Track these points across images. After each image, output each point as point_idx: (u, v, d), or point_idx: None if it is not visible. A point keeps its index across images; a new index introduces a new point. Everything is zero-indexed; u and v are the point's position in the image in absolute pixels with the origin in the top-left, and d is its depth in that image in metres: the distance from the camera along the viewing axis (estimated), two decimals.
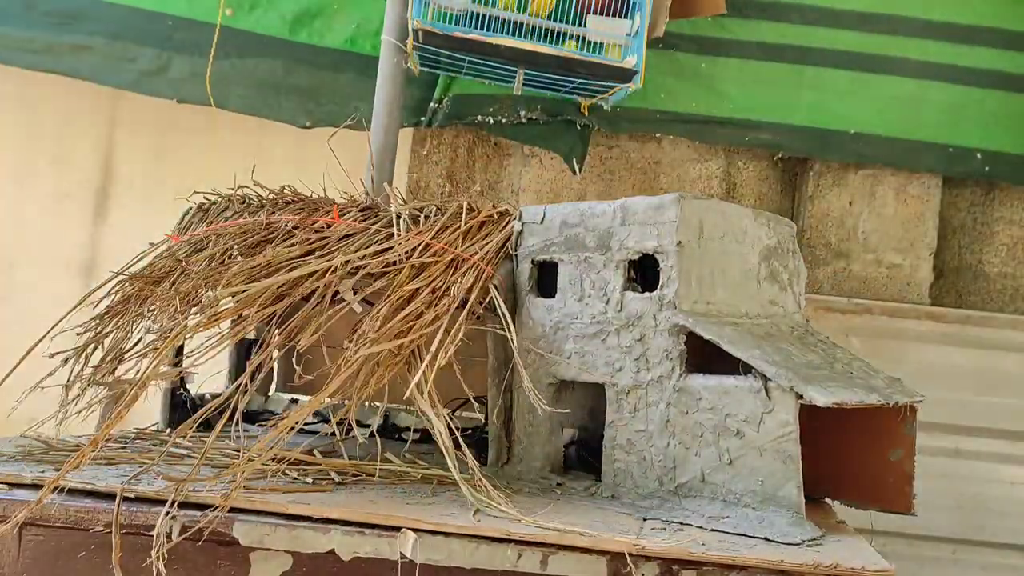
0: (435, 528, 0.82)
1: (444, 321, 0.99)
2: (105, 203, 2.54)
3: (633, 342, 1.02)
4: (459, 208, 1.12)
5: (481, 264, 1.06)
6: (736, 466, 0.93)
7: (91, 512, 0.82)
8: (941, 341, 2.27)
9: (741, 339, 0.97)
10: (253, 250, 1.06)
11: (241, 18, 2.32)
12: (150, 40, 2.31)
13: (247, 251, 1.05)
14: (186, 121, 2.44)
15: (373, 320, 0.97)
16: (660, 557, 0.81)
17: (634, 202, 1.05)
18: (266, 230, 1.08)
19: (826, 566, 0.79)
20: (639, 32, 1.89)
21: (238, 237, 1.07)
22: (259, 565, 0.82)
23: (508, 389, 1.15)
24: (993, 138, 2.34)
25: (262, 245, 1.07)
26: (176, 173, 2.48)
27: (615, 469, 1.04)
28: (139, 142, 2.54)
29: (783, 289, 1.15)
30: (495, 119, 2.30)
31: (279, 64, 2.32)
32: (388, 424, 1.39)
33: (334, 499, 0.90)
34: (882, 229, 2.39)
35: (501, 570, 0.81)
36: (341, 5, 2.33)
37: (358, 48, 2.32)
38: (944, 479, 2.22)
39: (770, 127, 2.35)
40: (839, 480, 1.11)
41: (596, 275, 1.06)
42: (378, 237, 1.07)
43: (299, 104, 2.33)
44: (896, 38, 2.35)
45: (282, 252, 1.01)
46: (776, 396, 0.90)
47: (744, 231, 1.08)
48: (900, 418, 1.05)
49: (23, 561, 0.82)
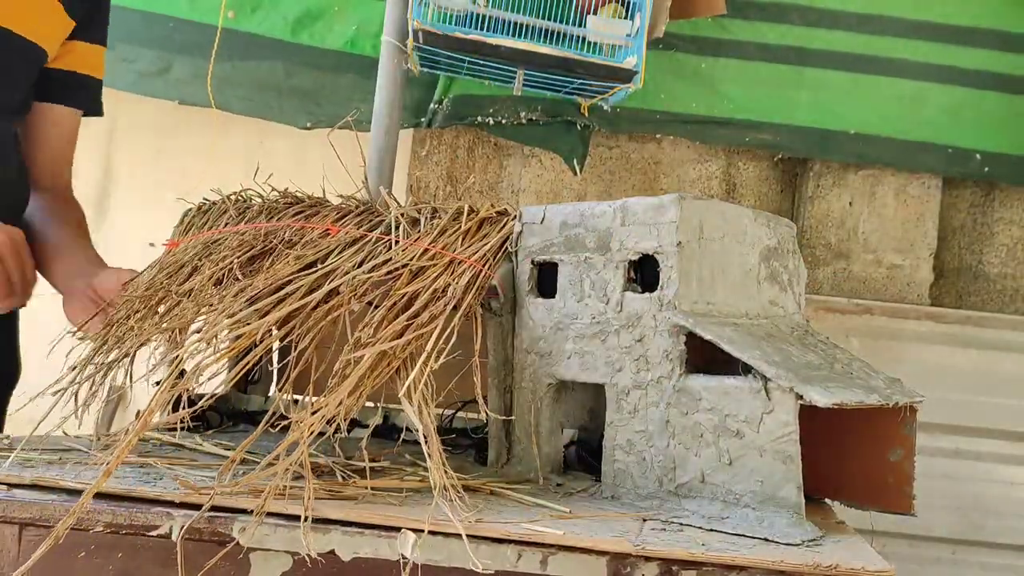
0: (435, 528, 0.82)
1: (440, 322, 0.99)
2: (105, 203, 2.54)
3: (633, 342, 1.02)
4: (459, 210, 1.12)
5: (479, 265, 1.06)
6: (736, 466, 0.93)
7: (91, 512, 0.82)
8: (941, 341, 2.27)
9: (741, 339, 0.97)
10: (252, 265, 1.06)
11: (243, 20, 2.33)
12: (151, 42, 2.31)
13: (246, 266, 1.05)
14: (186, 122, 2.44)
15: (369, 326, 0.97)
16: (660, 558, 0.81)
17: (634, 202, 1.05)
18: (264, 240, 1.08)
19: (826, 566, 0.79)
20: (639, 33, 1.90)
21: (236, 250, 1.07)
22: (259, 565, 0.82)
23: (508, 389, 1.15)
24: (993, 139, 2.35)
25: (261, 257, 1.07)
26: (176, 174, 2.48)
27: (615, 469, 1.04)
28: (139, 143, 2.54)
29: (783, 290, 1.15)
30: (495, 120, 2.31)
31: (280, 66, 2.33)
32: (388, 424, 1.39)
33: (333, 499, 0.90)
34: (882, 229, 2.39)
35: (501, 571, 0.81)
36: (342, 7, 2.34)
37: (359, 50, 2.33)
38: (944, 479, 2.22)
39: (770, 127, 2.36)
40: (839, 481, 1.11)
41: (596, 275, 1.06)
42: (379, 247, 1.07)
43: (300, 105, 2.34)
44: (896, 39, 2.35)
45: (282, 269, 1.01)
46: (776, 396, 0.90)
47: (744, 231, 1.08)
48: (900, 418, 1.05)
49: (23, 561, 0.82)
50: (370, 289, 1.01)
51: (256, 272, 1.04)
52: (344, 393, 0.92)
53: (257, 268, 1.05)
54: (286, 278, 1.00)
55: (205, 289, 1.03)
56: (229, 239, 1.10)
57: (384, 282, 1.02)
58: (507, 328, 1.14)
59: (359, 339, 0.96)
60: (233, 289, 0.99)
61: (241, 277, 1.02)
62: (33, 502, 0.83)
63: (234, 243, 1.09)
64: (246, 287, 0.99)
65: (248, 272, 1.04)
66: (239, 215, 1.18)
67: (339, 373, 0.93)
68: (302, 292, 0.99)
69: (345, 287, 1.00)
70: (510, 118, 2.31)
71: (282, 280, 1.00)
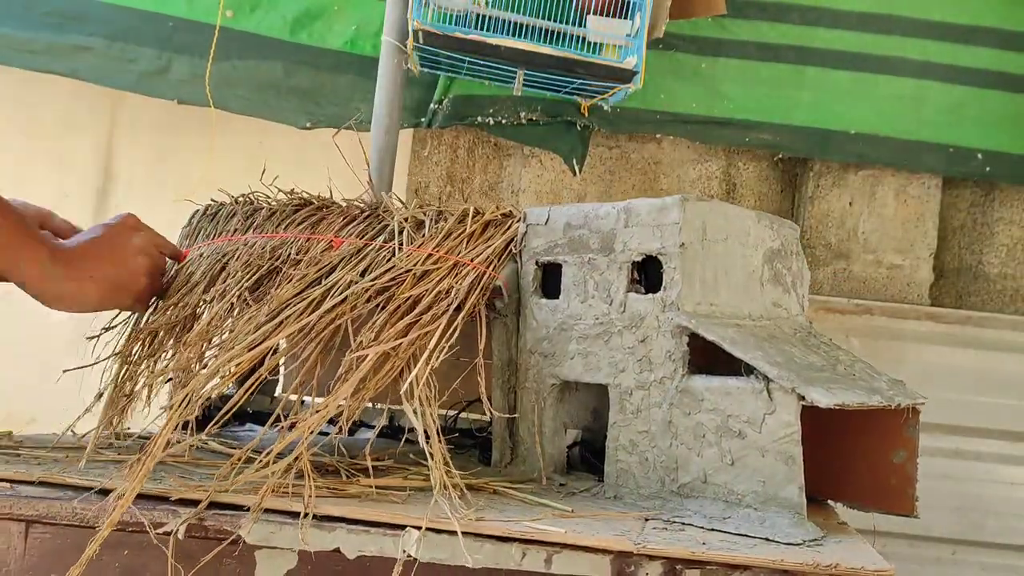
0: (437, 526, 0.82)
1: (442, 323, 1.00)
2: (105, 204, 2.54)
3: (636, 343, 1.02)
4: (464, 212, 1.13)
5: (483, 267, 1.06)
6: (738, 467, 0.93)
7: (97, 510, 0.82)
8: (941, 342, 2.27)
9: (744, 340, 0.97)
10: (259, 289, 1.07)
11: (241, 19, 2.33)
12: (150, 41, 2.31)
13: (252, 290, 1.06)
14: (186, 122, 2.44)
15: (372, 328, 0.98)
16: (664, 556, 0.81)
17: (638, 204, 1.05)
18: (271, 256, 1.09)
19: (826, 565, 0.80)
20: (639, 33, 1.90)
21: (244, 272, 1.08)
22: (264, 563, 0.83)
23: (512, 390, 1.15)
24: (993, 138, 2.35)
25: (268, 278, 1.08)
26: (176, 174, 2.48)
27: (617, 470, 1.04)
28: (139, 143, 2.54)
29: (786, 291, 1.15)
30: (495, 120, 2.31)
31: (279, 65, 2.33)
32: (395, 425, 1.39)
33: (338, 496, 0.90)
34: (882, 229, 2.39)
35: (506, 569, 0.82)
36: (341, 6, 2.34)
37: (358, 49, 2.33)
38: (944, 480, 2.23)
39: (770, 127, 2.36)
40: (842, 482, 1.12)
41: (600, 276, 1.06)
42: (382, 253, 1.07)
43: (300, 105, 2.33)
44: (896, 38, 2.35)
45: (287, 292, 1.02)
46: (778, 397, 0.90)
47: (747, 233, 1.09)
48: (903, 420, 1.05)
49: (28, 559, 0.83)
50: (374, 295, 1.02)
51: (263, 295, 1.05)
52: (346, 393, 0.92)
53: (264, 291, 1.06)
54: (289, 300, 1.01)
55: (215, 318, 1.04)
56: (238, 252, 1.12)
57: (388, 288, 1.02)
58: (511, 329, 1.14)
59: (362, 341, 0.96)
60: (243, 318, 1.01)
61: (251, 302, 1.03)
62: (39, 499, 0.83)
63: (242, 260, 1.10)
64: (252, 316, 1.00)
65: (255, 298, 1.05)
66: (246, 220, 1.18)
67: (341, 376, 0.94)
68: (307, 310, 1.00)
69: (350, 297, 1.01)
70: (510, 118, 2.31)
71: (286, 303, 1.01)
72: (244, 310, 1.03)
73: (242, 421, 1.42)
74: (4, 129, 2.51)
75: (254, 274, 1.07)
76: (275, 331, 0.97)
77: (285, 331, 0.96)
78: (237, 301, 1.04)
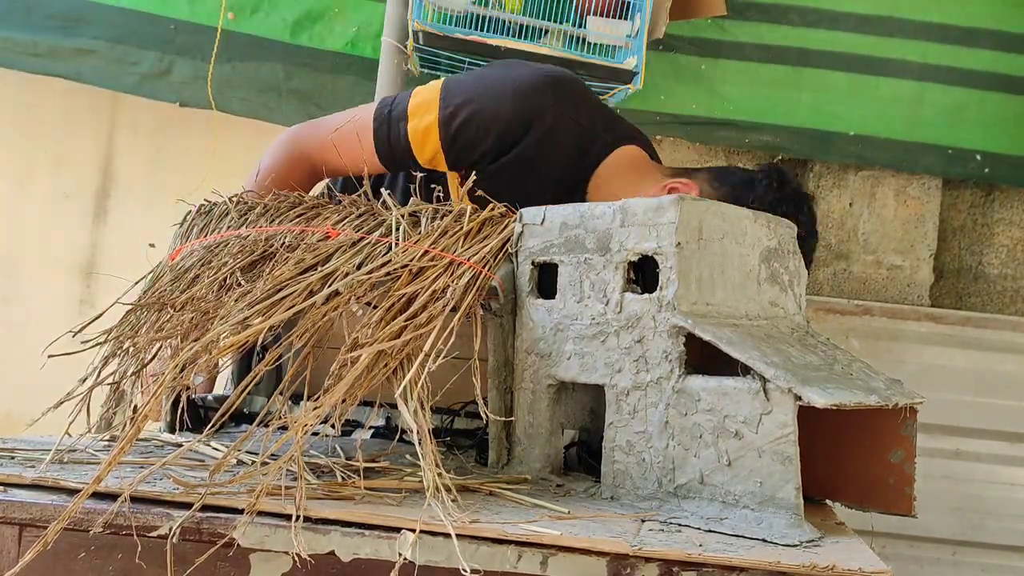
0: (433, 529, 0.82)
1: (438, 322, 0.99)
2: (105, 204, 2.55)
3: (632, 343, 1.02)
4: (460, 211, 1.13)
5: (478, 267, 1.06)
6: (735, 467, 0.93)
7: (91, 513, 0.82)
8: (941, 342, 2.27)
9: (740, 340, 0.97)
10: (253, 270, 1.06)
11: (243, 22, 2.33)
12: (152, 44, 2.32)
13: (247, 271, 1.05)
14: (186, 124, 2.45)
15: (367, 327, 0.97)
16: (660, 558, 0.81)
17: (634, 203, 1.05)
18: (266, 243, 1.08)
19: (822, 567, 0.79)
20: (639, 33, 1.90)
21: (238, 255, 1.07)
22: (258, 566, 0.82)
23: (508, 390, 1.15)
24: (993, 140, 2.35)
25: (263, 262, 1.07)
26: (176, 175, 2.49)
27: (614, 471, 1.04)
28: (139, 144, 2.54)
29: (784, 290, 1.15)
30: None
31: (280, 67, 2.34)
32: (392, 425, 1.39)
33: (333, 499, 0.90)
34: (882, 230, 2.39)
35: (501, 571, 0.81)
36: (342, 8, 2.34)
37: (359, 51, 2.33)
38: (944, 480, 2.23)
39: (770, 128, 2.36)
40: (840, 482, 1.11)
41: (596, 276, 1.06)
42: (378, 248, 1.07)
43: (300, 107, 2.34)
44: (896, 40, 2.35)
45: (283, 273, 1.01)
46: (775, 397, 0.90)
47: (744, 232, 1.08)
48: (900, 420, 1.05)
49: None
50: (369, 290, 1.01)
51: (257, 277, 1.04)
52: (340, 393, 0.92)
53: (258, 273, 1.05)
54: (286, 282, 1.00)
55: (207, 295, 1.03)
56: (231, 244, 1.11)
57: (384, 283, 1.02)
58: (507, 329, 1.14)
59: (356, 340, 0.96)
60: (235, 294, 1.00)
61: (244, 283, 1.02)
62: (33, 503, 0.83)
63: (235, 248, 1.09)
64: (247, 292, 0.99)
65: (249, 278, 1.04)
66: (240, 218, 1.18)
67: (335, 374, 0.93)
68: (303, 294, 0.99)
69: (345, 289, 1.00)
70: None
71: (282, 283, 1.00)
72: (236, 290, 1.01)
73: (238, 422, 1.42)
74: (4, 129, 2.51)
75: (248, 256, 1.07)
76: (270, 310, 0.96)
77: (282, 313, 0.95)
78: (230, 278, 1.03)
